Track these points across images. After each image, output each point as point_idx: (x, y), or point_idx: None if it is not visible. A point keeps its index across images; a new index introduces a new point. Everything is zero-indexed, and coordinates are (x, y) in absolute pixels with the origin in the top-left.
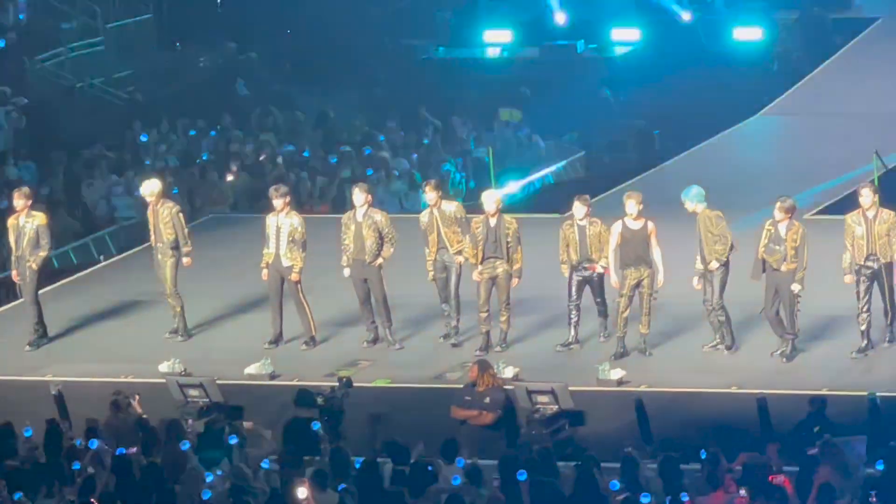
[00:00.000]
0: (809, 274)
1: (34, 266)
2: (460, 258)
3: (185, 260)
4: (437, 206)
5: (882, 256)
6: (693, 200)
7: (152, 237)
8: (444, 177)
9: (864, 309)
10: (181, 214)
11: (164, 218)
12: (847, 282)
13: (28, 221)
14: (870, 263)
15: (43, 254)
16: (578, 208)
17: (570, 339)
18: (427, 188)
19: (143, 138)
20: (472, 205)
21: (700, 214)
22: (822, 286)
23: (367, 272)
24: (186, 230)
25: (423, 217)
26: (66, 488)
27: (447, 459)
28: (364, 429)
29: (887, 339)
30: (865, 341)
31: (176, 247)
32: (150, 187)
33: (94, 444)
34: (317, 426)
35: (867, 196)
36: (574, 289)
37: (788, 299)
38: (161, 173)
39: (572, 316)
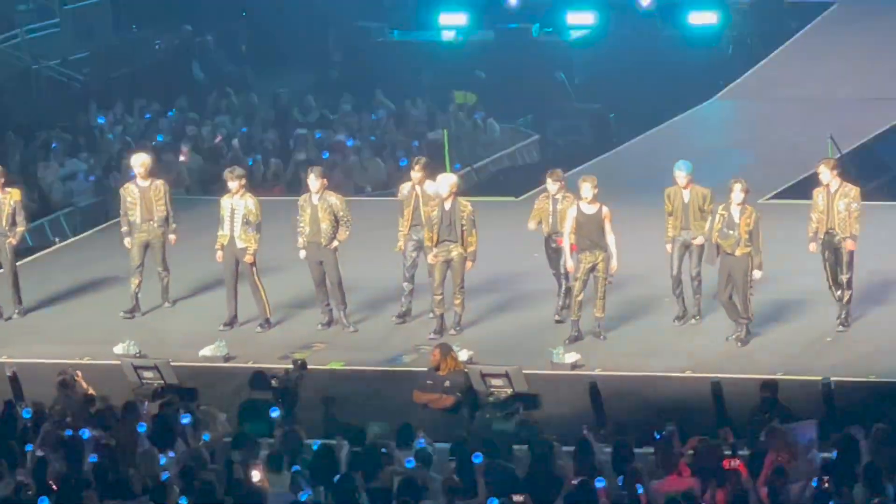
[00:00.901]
0: (765, 259)
1: (13, 241)
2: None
3: (171, 237)
4: (420, 184)
5: (841, 231)
6: (690, 173)
7: (135, 213)
8: (404, 170)
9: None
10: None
11: (158, 194)
12: (811, 250)
13: (4, 199)
14: (829, 238)
15: (20, 229)
16: (551, 185)
17: (559, 307)
18: (416, 166)
19: (100, 120)
20: None
21: (693, 189)
22: (777, 270)
23: (322, 255)
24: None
25: (404, 189)
26: (19, 469)
27: (403, 443)
28: (318, 411)
29: (841, 318)
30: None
31: (165, 223)
32: (141, 159)
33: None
34: (275, 411)
35: (824, 173)
36: (550, 261)
37: (742, 284)
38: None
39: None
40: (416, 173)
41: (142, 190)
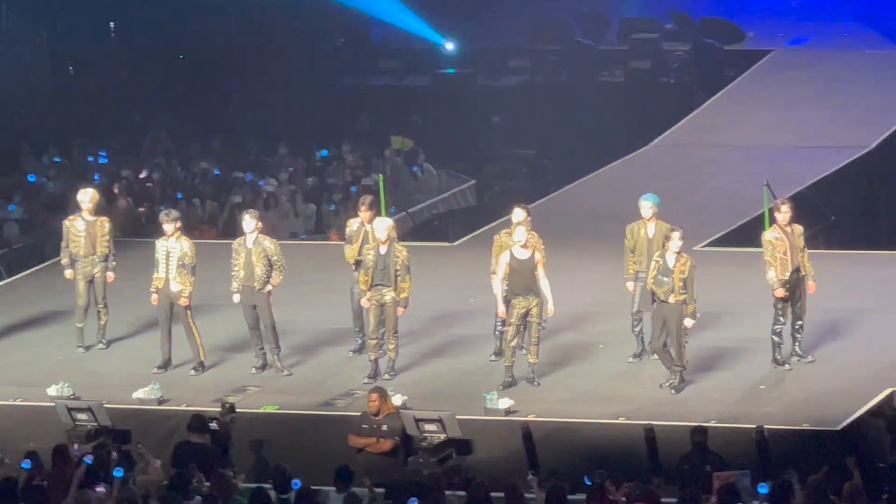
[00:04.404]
0: (700, 306)
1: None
2: None
3: (110, 274)
4: (369, 222)
5: (802, 268)
6: (657, 205)
7: (79, 247)
8: (333, 214)
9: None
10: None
11: (104, 231)
12: (779, 295)
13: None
14: (792, 276)
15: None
16: (518, 213)
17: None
18: (363, 206)
19: (31, 179)
20: None
21: (658, 224)
22: (712, 318)
23: (256, 299)
24: None
25: (353, 224)
26: None
27: (341, 486)
28: (249, 454)
29: (795, 352)
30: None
31: (105, 260)
32: (90, 195)
33: None
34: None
35: (786, 212)
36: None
37: (676, 331)
38: (52, 196)
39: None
40: (363, 213)
41: (88, 224)
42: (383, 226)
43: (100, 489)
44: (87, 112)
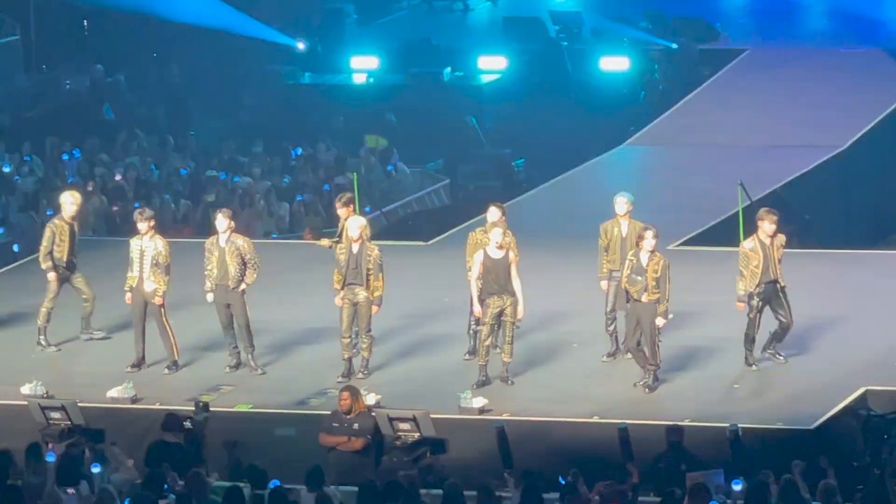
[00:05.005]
0: (673, 305)
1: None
2: None
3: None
4: (346, 220)
5: (780, 279)
6: (632, 202)
7: (63, 251)
8: (309, 208)
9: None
10: None
11: (77, 234)
12: (739, 307)
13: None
14: (767, 288)
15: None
16: (493, 212)
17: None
18: (337, 204)
19: (6, 168)
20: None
21: (631, 222)
22: (686, 317)
23: (229, 298)
24: None
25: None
26: None
27: (314, 485)
28: (223, 454)
29: (777, 356)
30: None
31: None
32: (76, 198)
33: None
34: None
35: (772, 224)
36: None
37: (650, 330)
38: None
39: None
40: (340, 209)
41: (70, 227)
42: (356, 224)
43: (71, 490)
44: (61, 110)
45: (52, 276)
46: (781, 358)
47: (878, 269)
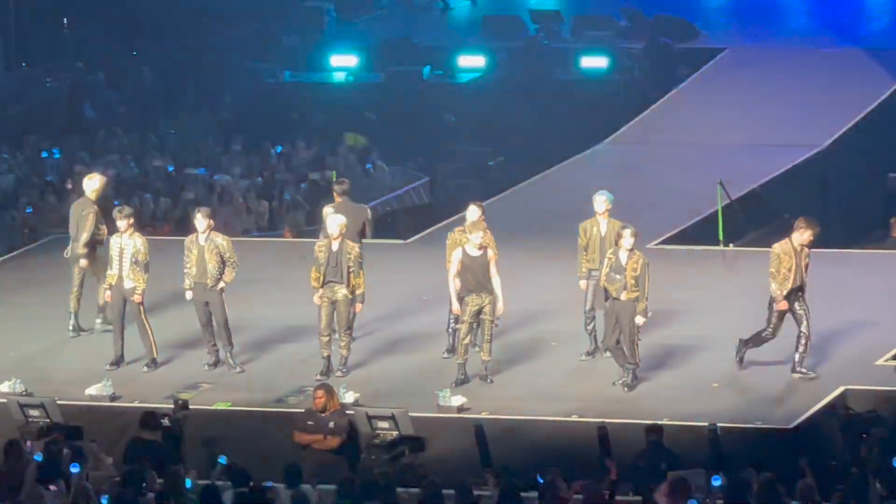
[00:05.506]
0: (653, 304)
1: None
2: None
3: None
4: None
5: (805, 286)
6: (611, 202)
7: (102, 233)
8: (290, 205)
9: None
10: None
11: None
12: (781, 308)
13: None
14: (792, 293)
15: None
16: (473, 210)
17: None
18: (337, 187)
19: None
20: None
21: (610, 221)
22: (664, 316)
23: (208, 296)
24: None
25: (329, 208)
26: None
27: (291, 483)
28: (202, 451)
29: (798, 364)
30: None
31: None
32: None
33: None
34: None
35: (808, 236)
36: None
37: (629, 329)
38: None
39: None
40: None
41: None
42: (335, 222)
43: (52, 487)
44: (41, 108)
45: (84, 262)
46: (812, 373)
47: (857, 268)
